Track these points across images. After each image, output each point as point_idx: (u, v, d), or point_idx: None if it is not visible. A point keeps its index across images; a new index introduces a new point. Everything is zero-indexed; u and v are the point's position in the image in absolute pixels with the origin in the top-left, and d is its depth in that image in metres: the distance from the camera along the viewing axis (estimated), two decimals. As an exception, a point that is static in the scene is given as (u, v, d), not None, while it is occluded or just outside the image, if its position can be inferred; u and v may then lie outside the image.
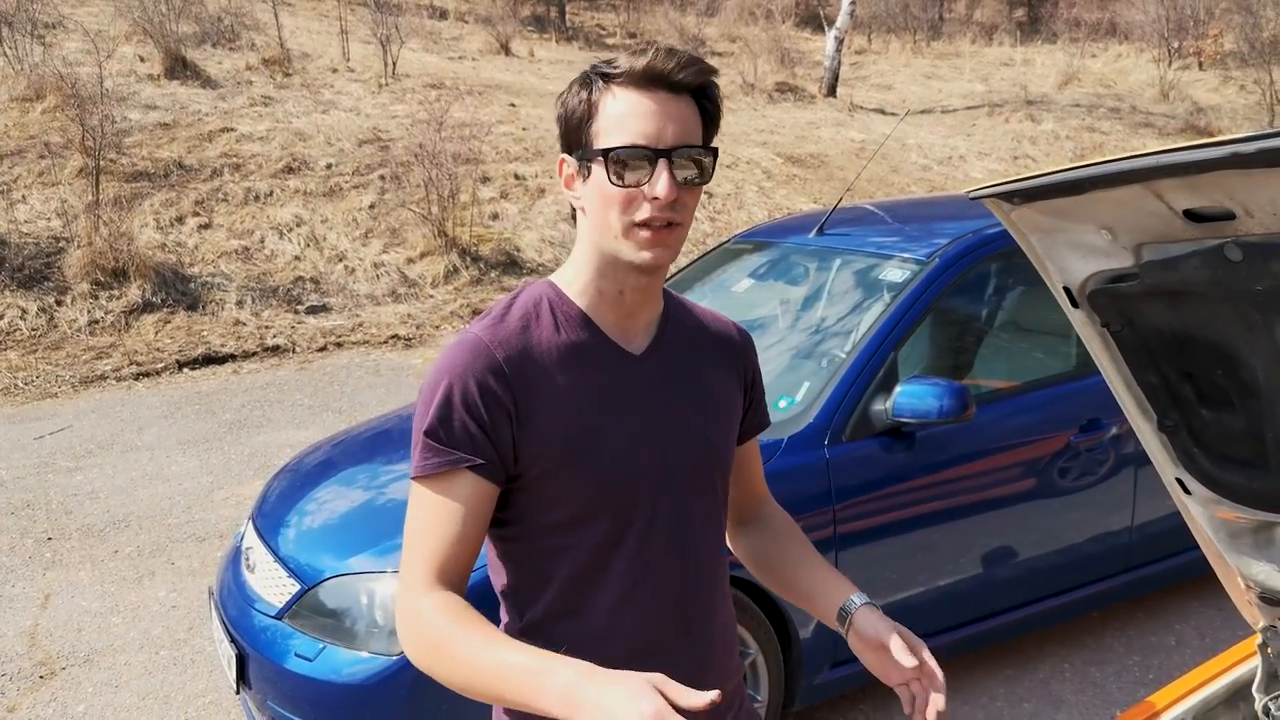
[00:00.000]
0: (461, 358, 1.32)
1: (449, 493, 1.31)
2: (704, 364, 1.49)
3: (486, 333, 1.35)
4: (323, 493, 3.36)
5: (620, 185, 1.28)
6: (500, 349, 1.33)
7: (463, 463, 1.30)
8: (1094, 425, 3.56)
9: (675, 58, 1.28)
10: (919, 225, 4.17)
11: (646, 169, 1.28)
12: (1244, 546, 1.70)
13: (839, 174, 13.55)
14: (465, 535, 1.31)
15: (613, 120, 1.29)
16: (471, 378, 1.31)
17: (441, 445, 1.30)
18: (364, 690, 2.67)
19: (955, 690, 3.57)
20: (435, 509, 1.31)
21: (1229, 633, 3.85)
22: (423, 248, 10.09)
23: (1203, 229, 1.23)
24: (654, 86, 1.28)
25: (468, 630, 1.22)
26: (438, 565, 1.30)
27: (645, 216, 1.29)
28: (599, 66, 1.32)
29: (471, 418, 1.30)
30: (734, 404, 1.53)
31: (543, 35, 21.05)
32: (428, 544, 1.30)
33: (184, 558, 4.72)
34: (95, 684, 3.74)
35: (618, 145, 1.27)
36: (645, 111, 1.28)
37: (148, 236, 9.37)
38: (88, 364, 7.79)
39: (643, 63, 1.28)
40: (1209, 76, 20.22)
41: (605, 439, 1.36)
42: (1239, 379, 1.40)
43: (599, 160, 1.29)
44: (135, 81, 12.05)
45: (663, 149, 1.27)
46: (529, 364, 1.34)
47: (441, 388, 1.31)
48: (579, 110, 1.32)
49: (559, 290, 1.40)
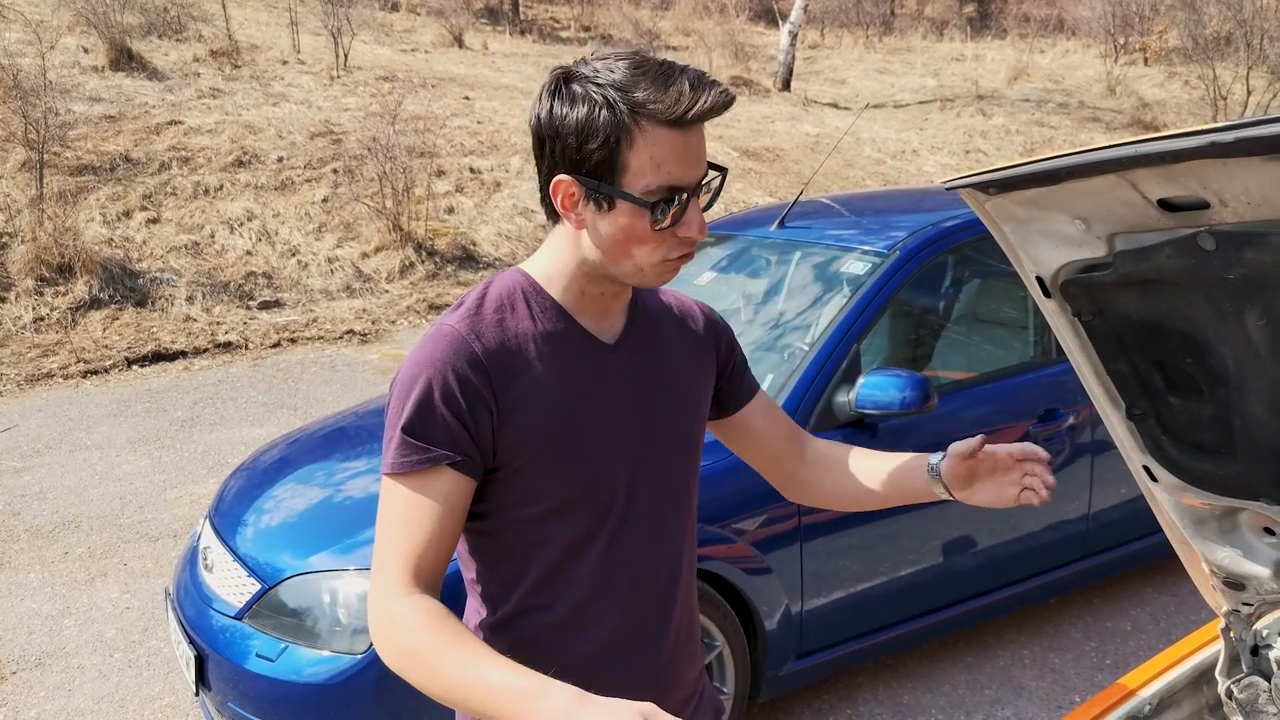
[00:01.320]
0: (439, 351, 1.29)
1: (427, 489, 1.27)
2: (673, 349, 1.49)
3: (463, 324, 1.32)
4: (281, 490, 3.31)
5: (660, 230, 1.26)
6: (478, 341, 1.30)
7: (443, 460, 1.27)
8: (1051, 415, 3.60)
9: (710, 94, 1.22)
10: (878, 218, 4.19)
11: (679, 207, 1.26)
12: (1209, 532, 1.72)
13: (794, 168, 13.61)
14: (443, 532, 1.28)
15: (648, 159, 1.23)
16: (450, 371, 1.28)
17: (420, 441, 1.27)
18: (327, 690, 2.64)
19: (918, 679, 3.61)
20: (412, 506, 1.27)
21: (1182, 618, 3.92)
22: (377, 242, 9.98)
23: (1176, 218, 1.24)
24: (692, 125, 1.24)
25: (452, 643, 1.18)
26: (414, 565, 1.26)
27: (678, 255, 1.30)
28: (627, 96, 1.22)
29: (451, 412, 1.27)
30: (704, 387, 1.53)
31: (496, 28, 20.92)
32: (404, 542, 1.27)
33: (137, 558, 4.62)
34: (47, 688, 3.66)
35: (657, 188, 1.24)
36: (683, 153, 1.24)
37: (94, 231, 9.17)
38: (33, 362, 7.61)
39: (690, 103, 1.21)
40: (1154, 72, 20.58)
41: (584, 431, 1.35)
42: (1209, 367, 1.41)
43: (632, 201, 1.24)
44: (79, 73, 11.79)
45: (693, 186, 1.26)
46: (507, 356, 1.31)
47: (420, 382, 1.28)
48: (601, 137, 1.23)
49: (534, 282, 1.37)
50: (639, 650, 1.43)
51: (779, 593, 3.10)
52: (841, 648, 3.31)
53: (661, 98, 1.21)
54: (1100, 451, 3.70)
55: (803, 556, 3.12)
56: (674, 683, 1.49)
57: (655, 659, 1.45)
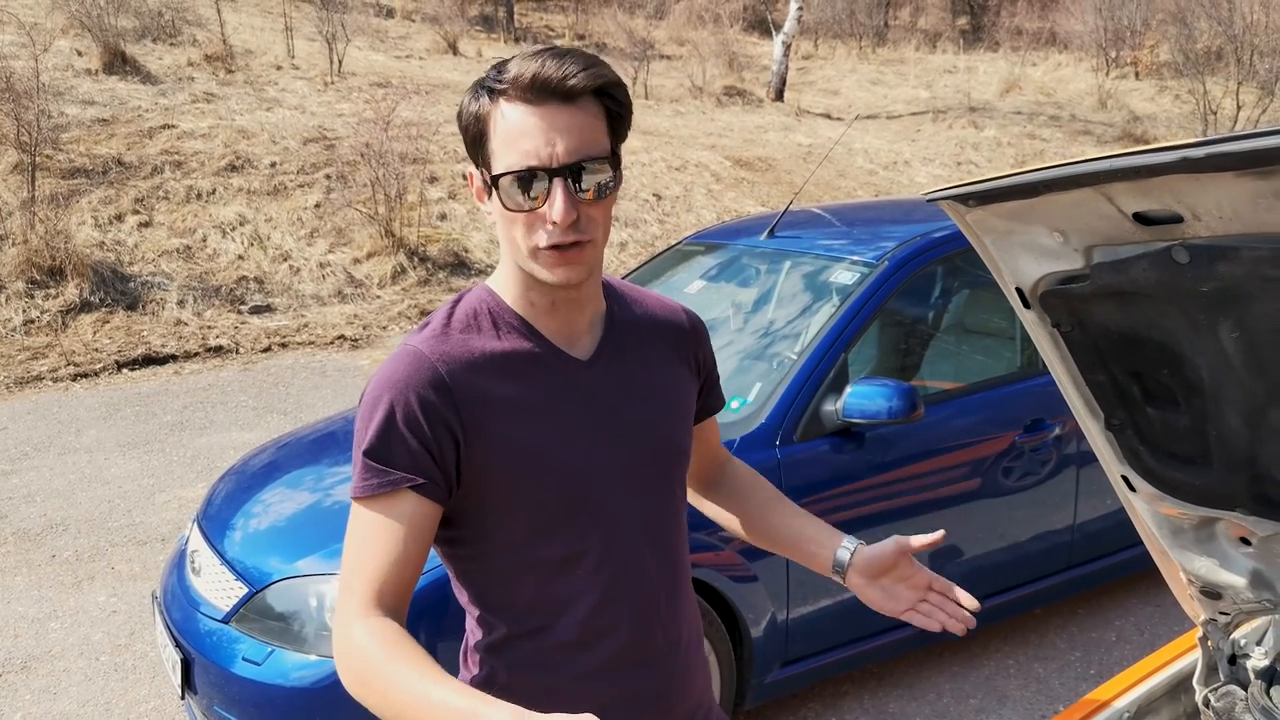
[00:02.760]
0: (401, 372, 1.27)
1: (390, 513, 1.25)
2: (653, 357, 1.45)
3: (426, 345, 1.29)
4: (269, 495, 3.32)
5: (516, 211, 1.23)
6: (442, 362, 1.28)
7: (404, 483, 1.25)
8: (1038, 425, 3.63)
9: (565, 63, 1.20)
10: (867, 229, 4.22)
11: (544, 188, 1.21)
12: (1186, 542, 1.74)
13: (786, 177, 13.66)
14: (407, 556, 1.25)
15: (504, 138, 1.22)
16: (412, 393, 1.26)
17: (381, 465, 1.25)
18: (313, 694, 2.64)
19: (904, 688, 3.62)
20: (375, 530, 1.25)
21: (1166, 628, 3.94)
22: (369, 248, 9.99)
23: (1151, 232, 1.26)
24: (545, 98, 1.20)
25: (402, 663, 1.15)
26: (377, 588, 1.24)
27: (547, 242, 1.23)
28: (487, 78, 1.24)
29: (414, 435, 1.25)
30: (688, 393, 1.49)
31: (491, 35, 20.96)
32: (368, 566, 1.25)
33: (125, 562, 4.62)
34: (33, 691, 3.65)
35: (507, 170, 1.21)
36: (535, 128, 1.20)
37: (86, 234, 9.16)
38: (23, 364, 7.60)
39: (530, 72, 1.19)
40: (1145, 86, 20.70)
41: (558, 449, 1.32)
42: (1184, 378, 1.43)
43: (495, 183, 1.24)
44: (73, 76, 11.79)
45: (557, 167, 1.20)
46: (472, 376, 1.29)
47: (382, 405, 1.26)
48: (473, 127, 1.25)
49: (497, 297, 1.35)
50: (644, 666, 1.41)
51: (765, 600, 3.11)
52: (827, 656, 3.32)
53: (521, 73, 1.19)
54: (1086, 463, 3.72)
55: (789, 565, 3.14)
56: (680, 695, 1.46)
57: (660, 674, 1.42)
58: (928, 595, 1.46)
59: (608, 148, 1.25)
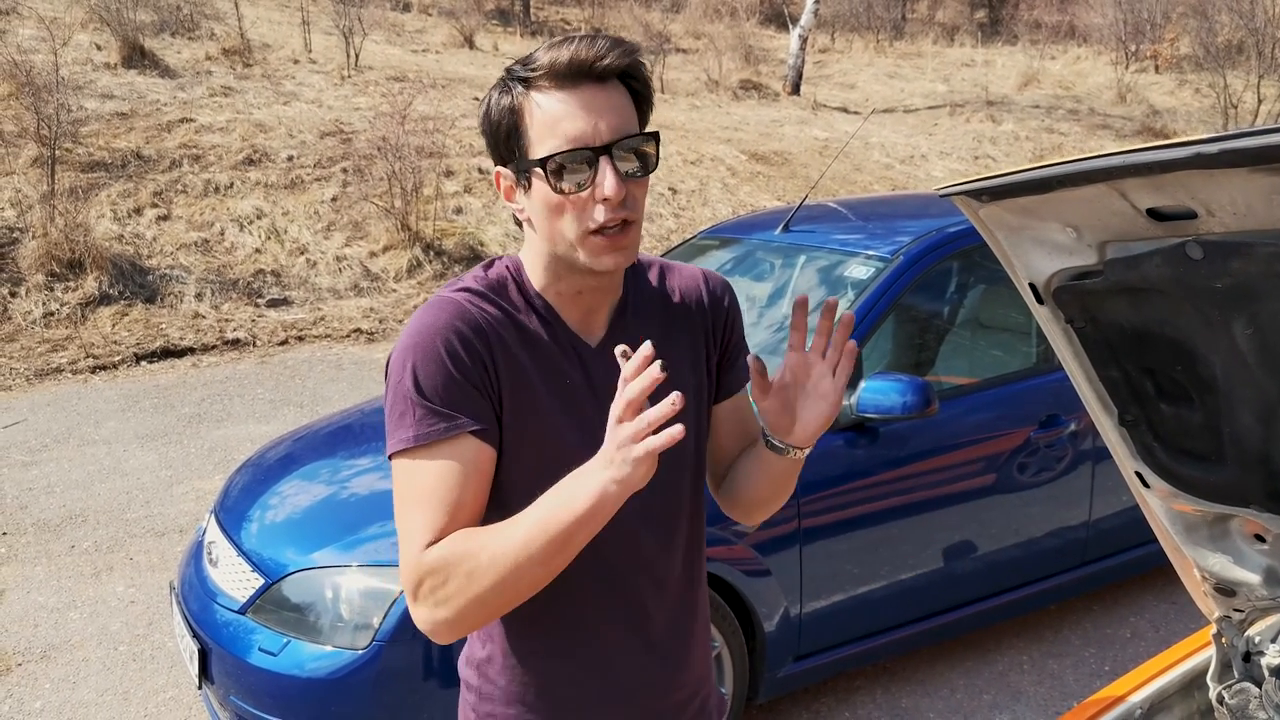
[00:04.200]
0: (445, 318, 1.25)
1: (454, 457, 1.21)
2: (667, 343, 1.40)
3: (464, 297, 1.28)
4: (286, 487, 3.34)
5: (566, 194, 1.21)
6: (482, 314, 1.27)
7: (468, 426, 1.22)
8: (1053, 421, 3.61)
9: (596, 44, 1.20)
10: (882, 223, 4.21)
11: (588, 171, 1.20)
12: (1200, 539, 1.74)
13: (802, 172, 13.62)
14: (472, 503, 1.23)
15: (542, 126, 1.21)
16: (458, 337, 1.23)
17: (442, 408, 1.21)
18: (329, 684, 2.66)
19: (916, 683, 3.62)
20: (436, 477, 1.21)
21: (1181, 625, 3.92)
22: (385, 241, 10.02)
23: (1165, 227, 1.26)
24: (579, 80, 1.20)
25: (484, 532, 1.17)
26: (445, 530, 1.20)
27: (599, 221, 1.22)
28: (515, 69, 1.24)
29: (467, 379, 1.23)
30: (701, 378, 1.44)
31: (507, 29, 20.96)
32: (433, 513, 1.20)
33: (143, 553, 4.66)
34: (53, 680, 3.69)
35: (558, 150, 1.20)
36: (575, 110, 1.20)
37: (104, 228, 9.22)
38: (43, 356, 7.66)
39: (565, 57, 1.19)
40: (1165, 80, 20.54)
41: (561, 431, 1.30)
42: (1198, 375, 1.43)
43: (537, 171, 1.22)
44: (92, 70, 11.85)
45: (601, 146, 1.20)
46: (507, 338, 1.28)
47: (429, 345, 1.23)
48: (505, 121, 1.24)
49: (525, 275, 1.35)
50: (640, 652, 1.40)
51: (778, 595, 3.12)
52: (840, 650, 3.33)
53: (550, 57, 1.20)
54: (1101, 459, 3.71)
55: (802, 559, 3.14)
56: (677, 681, 1.45)
57: (656, 658, 1.42)
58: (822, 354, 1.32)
59: (639, 125, 1.26)
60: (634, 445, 1.07)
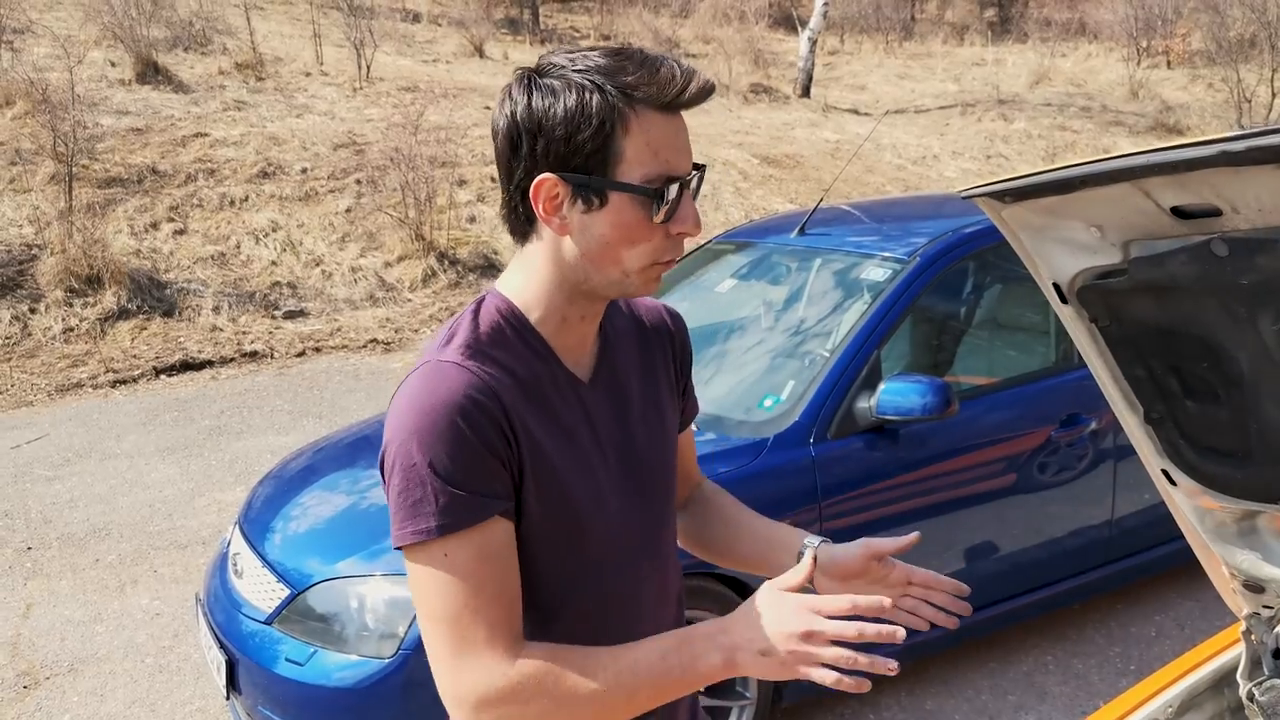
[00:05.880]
0: (454, 386, 1.13)
1: (491, 545, 1.12)
2: (645, 374, 1.37)
3: (462, 359, 1.17)
4: (308, 498, 3.36)
5: (664, 221, 1.14)
6: (488, 374, 1.16)
7: (497, 507, 1.12)
8: (1074, 420, 3.60)
9: (699, 78, 1.13)
10: (898, 225, 4.21)
11: (674, 201, 1.14)
12: (1227, 535, 1.73)
13: (814, 174, 13.62)
14: (518, 587, 1.14)
15: (645, 148, 1.11)
16: (474, 407, 1.12)
17: (469, 491, 1.10)
18: (355, 694, 2.68)
19: (941, 684, 3.61)
20: (479, 569, 1.11)
21: (1207, 624, 3.90)
22: (400, 251, 10.06)
23: (1190, 225, 1.26)
24: (677, 109, 1.14)
25: (589, 655, 1.11)
26: (510, 629, 1.12)
27: (668, 257, 1.17)
28: (616, 80, 1.11)
29: (489, 452, 1.12)
30: (674, 404, 1.43)
31: (516, 37, 21.02)
32: (487, 611, 1.11)
33: (167, 565, 4.69)
34: (80, 693, 3.72)
35: (656, 176, 1.12)
36: (675, 138, 1.13)
37: (122, 243, 9.29)
38: (63, 372, 7.72)
39: (679, 89, 1.11)
40: (1177, 75, 20.45)
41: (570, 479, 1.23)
42: (1224, 372, 1.43)
43: (628, 194, 1.12)
44: (106, 86, 11.95)
45: (688, 177, 1.15)
46: (515, 396, 1.18)
47: (442, 422, 1.10)
48: (595, 124, 1.10)
49: (518, 312, 1.23)
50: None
51: (801, 598, 3.11)
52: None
53: (654, 79, 1.10)
54: (1123, 457, 3.69)
55: (825, 562, 3.13)
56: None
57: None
58: (909, 590, 1.37)
59: None
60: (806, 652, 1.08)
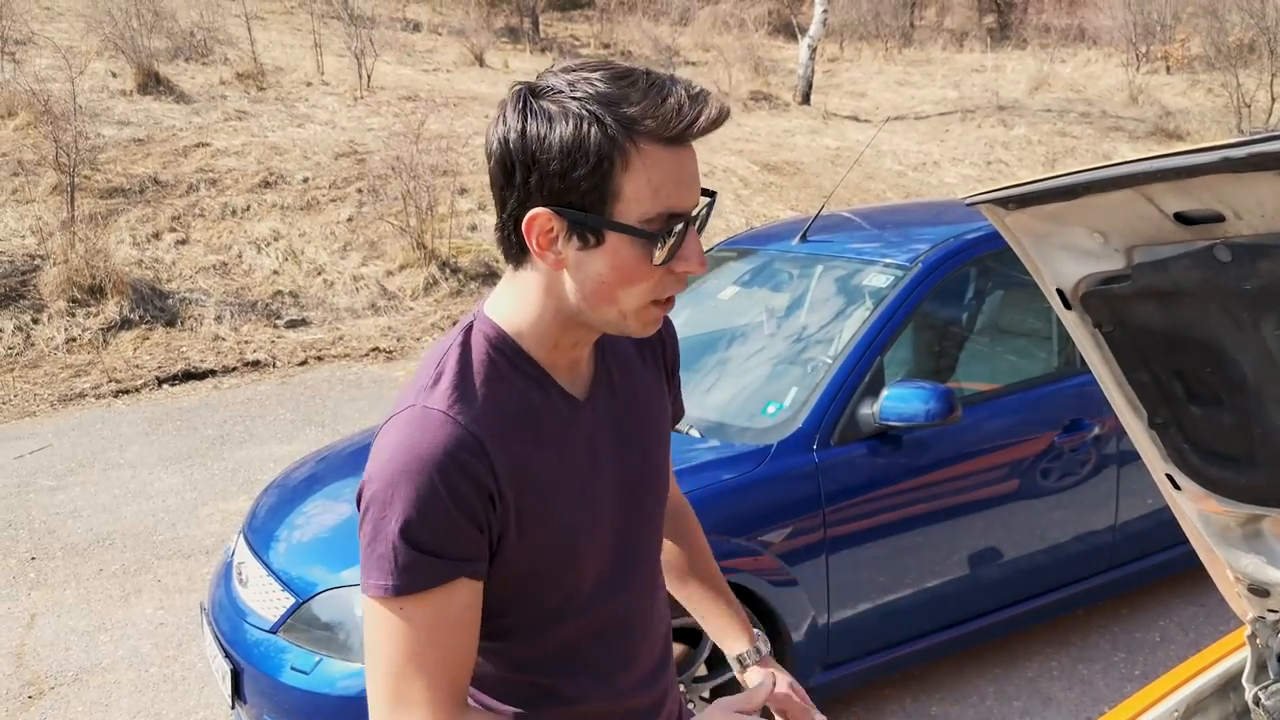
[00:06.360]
0: (433, 441, 1.09)
1: (447, 606, 1.09)
2: (639, 385, 1.34)
3: (448, 405, 1.12)
4: (311, 507, 3.37)
5: (664, 261, 1.09)
6: (474, 424, 1.12)
7: (462, 570, 1.09)
8: (1077, 425, 3.61)
9: (711, 106, 1.06)
10: (899, 231, 4.22)
11: (678, 239, 1.09)
12: (1232, 540, 1.74)
13: (815, 181, 13.64)
14: (469, 654, 1.13)
15: (645, 185, 1.06)
16: (452, 463, 1.08)
17: (429, 553, 1.08)
18: (360, 702, 2.66)
19: (946, 690, 3.61)
20: (431, 630, 1.09)
21: (1211, 628, 3.90)
22: (401, 260, 10.08)
23: (1193, 231, 1.27)
24: (684, 141, 1.08)
25: None
26: (450, 694, 1.10)
27: (669, 295, 1.13)
28: (616, 111, 1.04)
29: (462, 513, 1.09)
30: (665, 410, 1.41)
31: (516, 46, 21.07)
32: (433, 671, 1.09)
33: (170, 574, 4.69)
34: (85, 703, 3.72)
35: (656, 216, 1.07)
36: (680, 175, 1.08)
37: (124, 253, 9.31)
38: (66, 382, 7.73)
39: (688, 122, 1.05)
40: (1177, 80, 20.48)
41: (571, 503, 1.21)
42: (1228, 376, 1.43)
43: (627, 235, 1.07)
44: (108, 97, 11.99)
45: (691, 214, 1.10)
46: (506, 440, 1.14)
47: (416, 479, 1.08)
48: (592, 161, 1.04)
49: (508, 339, 1.18)
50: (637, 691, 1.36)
51: (806, 605, 3.12)
52: (868, 659, 3.32)
53: (658, 111, 1.04)
54: (1126, 462, 3.70)
55: (829, 569, 3.14)
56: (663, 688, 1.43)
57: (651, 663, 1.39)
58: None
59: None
60: None
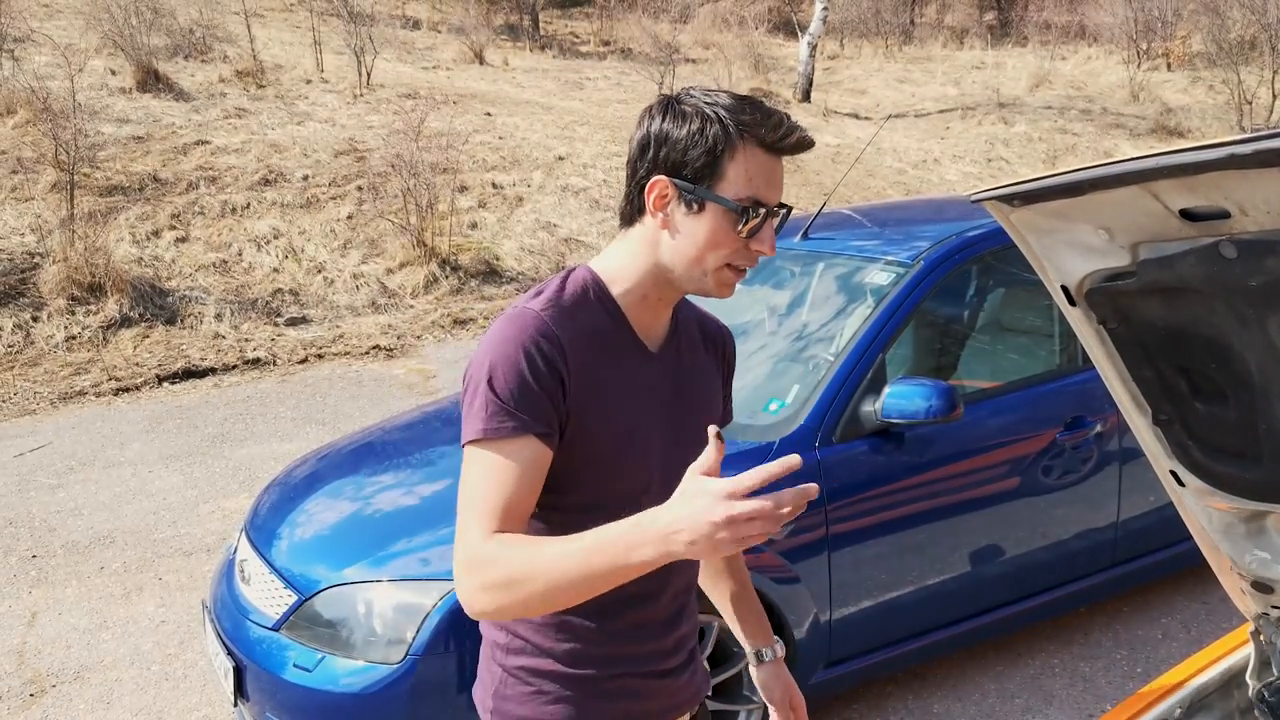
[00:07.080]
0: (526, 328, 1.38)
1: (516, 454, 1.35)
2: (700, 360, 1.60)
3: (546, 311, 1.40)
4: (313, 504, 3.36)
5: (745, 236, 1.39)
6: (559, 327, 1.39)
7: (532, 429, 1.35)
8: (1079, 423, 3.61)
9: (802, 132, 1.39)
10: (901, 228, 4.21)
11: (758, 223, 1.39)
12: (1236, 536, 1.73)
13: (816, 179, 13.63)
14: (527, 496, 1.36)
15: (743, 174, 1.37)
16: (535, 347, 1.36)
17: (514, 409, 1.35)
18: (363, 699, 2.68)
19: (948, 688, 3.61)
20: (500, 468, 1.35)
21: (1213, 625, 3.90)
22: (402, 258, 10.07)
23: (1198, 228, 1.27)
24: (780, 154, 1.40)
25: (544, 542, 1.27)
26: (500, 518, 1.33)
27: (745, 264, 1.42)
28: (735, 116, 1.37)
29: (540, 386, 1.36)
30: (718, 395, 1.65)
31: (516, 44, 21.07)
32: (491, 500, 1.34)
33: (172, 572, 4.69)
34: (87, 701, 3.72)
35: (746, 198, 1.37)
36: (772, 174, 1.39)
37: (124, 251, 9.30)
38: (66, 380, 7.72)
39: (786, 136, 1.37)
40: (1178, 77, 20.47)
41: (627, 432, 1.44)
42: (1232, 373, 1.43)
43: (722, 207, 1.37)
44: (107, 95, 11.97)
45: (775, 209, 1.41)
46: (581, 348, 1.40)
47: (509, 354, 1.36)
48: (708, 144, 1.37)
49: (602, 282, 1.47)
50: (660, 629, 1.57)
51: (808, 602, 3.12)
52: (871, 656, 3.32)
53: (766, 123, 1.37)
54: (1128, 459, 3.70)
55: (831, 566, 3.14)
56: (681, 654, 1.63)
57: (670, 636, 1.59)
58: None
59: None
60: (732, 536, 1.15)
